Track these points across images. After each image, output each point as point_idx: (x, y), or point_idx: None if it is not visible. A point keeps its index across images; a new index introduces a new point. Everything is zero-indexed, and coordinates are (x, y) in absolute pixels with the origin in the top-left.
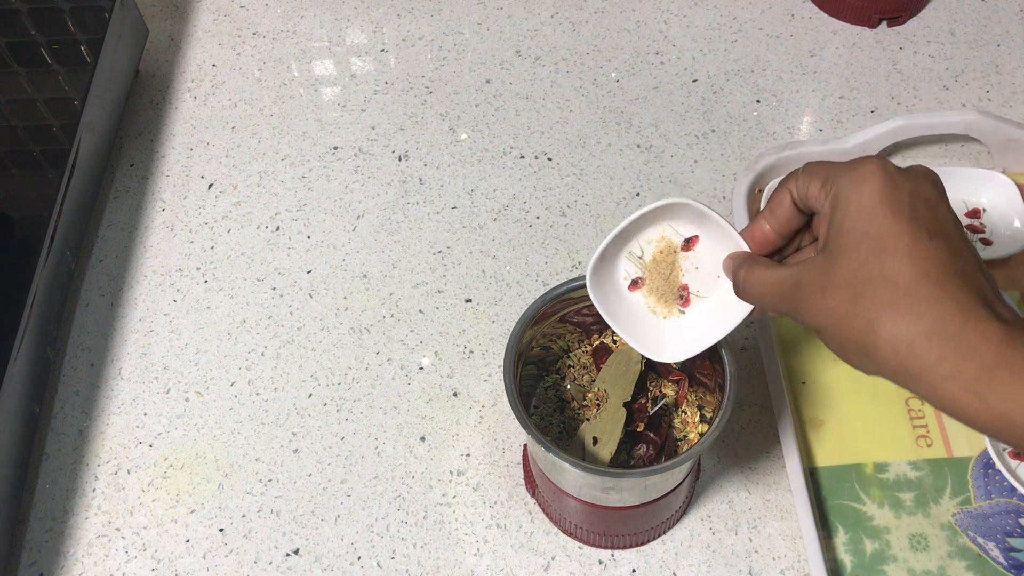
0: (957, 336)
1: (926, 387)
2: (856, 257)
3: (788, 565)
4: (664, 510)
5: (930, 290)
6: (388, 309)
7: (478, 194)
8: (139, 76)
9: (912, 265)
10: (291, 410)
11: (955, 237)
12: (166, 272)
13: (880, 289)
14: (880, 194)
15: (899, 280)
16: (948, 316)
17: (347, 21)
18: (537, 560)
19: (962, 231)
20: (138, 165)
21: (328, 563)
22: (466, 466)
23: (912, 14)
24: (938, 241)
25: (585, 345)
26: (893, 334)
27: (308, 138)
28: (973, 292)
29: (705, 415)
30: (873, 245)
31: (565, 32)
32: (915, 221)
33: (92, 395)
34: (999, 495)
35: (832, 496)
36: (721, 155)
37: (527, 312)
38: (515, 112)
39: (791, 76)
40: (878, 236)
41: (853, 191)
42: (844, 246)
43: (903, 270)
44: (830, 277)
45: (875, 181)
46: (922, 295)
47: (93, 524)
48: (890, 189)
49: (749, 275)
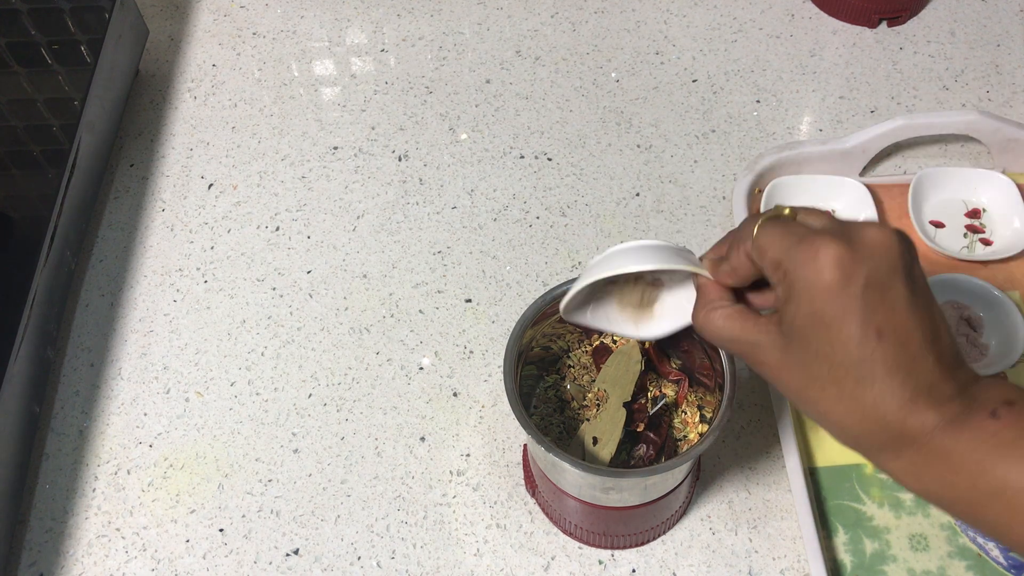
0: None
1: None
2: (808, 350)
3: (788, 565)
4: (664, 510)
5: (875, 391)
6: (388, 309)
7: (478, 194)
8: (139, 76)
9: (860, 368)
10: (291, 410)
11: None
12: (166, 272)
13: (829, 387)
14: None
15: (846, 381)
16: (891, 413)
17: (347, 21)
18: (537, 560)
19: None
20: (138, 165)
21: (328, 563)
22: (466, 466)
23: (912, 14)
24: (887, 339)
25: (585, 345)
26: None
27: (308, 138)
28: (916, 386)
29: (705, 415)
30: (824, 342)
31: (565, 32)
32: (866, 318)
33: (92, 395)
34: None
35: (832, 496)
36: (721, 155)
37: (527, 312)
38: (515, 112)
39: (791, 76)
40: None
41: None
42: (799, 333)
43: (850, 372)
44: (785, 359)
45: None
46: (866, 397)
47: (93, 524)
48: (843, 283)
49: (708, 320)
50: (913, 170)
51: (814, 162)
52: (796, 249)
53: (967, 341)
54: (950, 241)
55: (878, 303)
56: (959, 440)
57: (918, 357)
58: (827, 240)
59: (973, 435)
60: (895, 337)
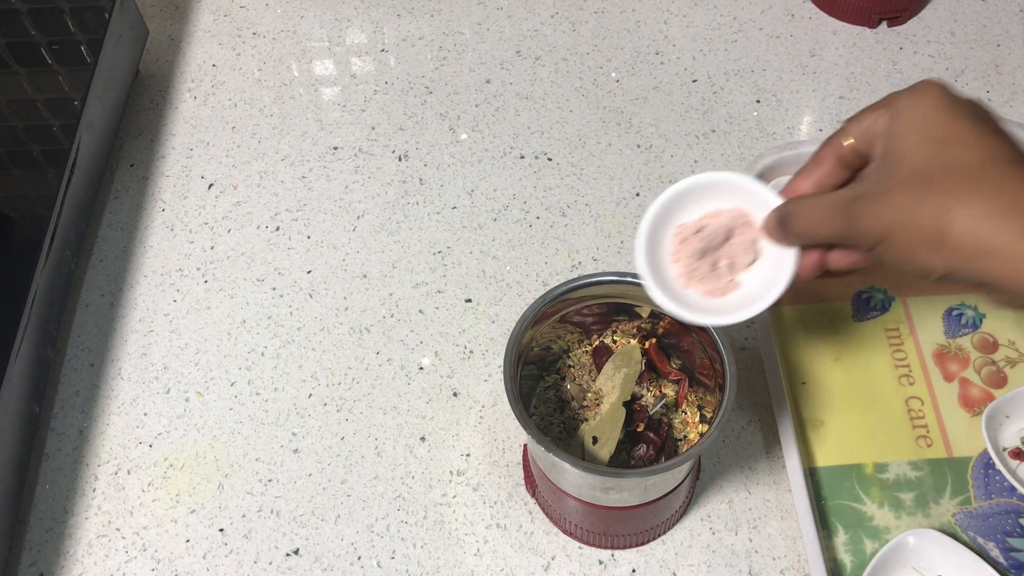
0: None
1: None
2: (921, 155)
3: (788, 565)
4: (664, 510)
5: (1003, 170)
6: (388, 309)
7: (478, 194)
8: (139, 76)
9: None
10: (291, 410)
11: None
12: (166, 272)
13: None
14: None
15: (970, 165)
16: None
17: (347, 21)
18: (537, 560)
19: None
20: (138, 165)
21: (328, 563)
22: (466, 466)
23: (912, 14)
24: (1002, 137)
25: (585, 345)
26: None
27: (308, 138)
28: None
29: (705, 415)
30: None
31: (565, 32)
32: (977, 122)
33: (92, 395)
34: (999, 495)
35: (832, 496)
36: (721, 155)
37: (527, 312)
38: (515, 112)
39: (791, 76)
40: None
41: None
42: (907, 150)
43: (975, 156)
44: (894, 179)
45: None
46: (996, 175)
47: (93, 524)
48: (949, 99)
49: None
50: None
51: None
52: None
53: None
54: None
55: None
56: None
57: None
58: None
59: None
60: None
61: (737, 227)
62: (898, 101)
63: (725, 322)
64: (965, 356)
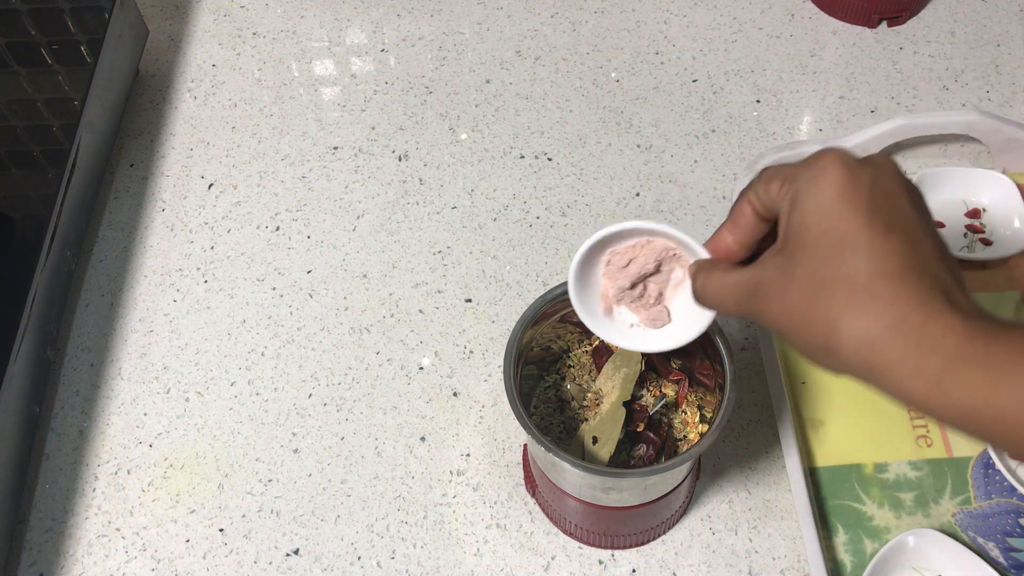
0: (919, 332)
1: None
2: (815, 256)
3: (788, 565)
4: (664, 510)
5: (889, 287)
6: (388, 309)
7: (478, 194)
8: (139, 76)
9: (870, 262)
10: (291, 410)
11: (915, 229)
12: (166, 272)
13: (839, 289)
14: (838, 189)
15: (858, 279)
16: (908, 312)
17: (347, 21)
18: (537, 560)
19: (925, 219)
20: (138, 165)
21: (328, 563)
22: (466, 466)
23: (912, 14)
24: (896, 236)
25: (585, 345)
26: (854, 333)
27: (308, 138)
28: (933, 286)
29: (705, 415)
30: (831, 242)
31: (565, 32)
32: (873, 216)
33: (92, 395)
34: (999, 495)
35: (832, 496)
36: (721, 155)
37: (527, 312)
38: (515, 112)
39: (791, 76)
40: (836, 233)
41: (811, 186)
42: (803, 245)
43: (861, 268)
44: (789, 277)
45: (833, 176)
46: (881, 293)
47: (93, 524)
48: (848, 183)
49: (707, 279)
50: (913, 170)
51: None
52: (802, 167)
53: None
54: (950, 241)
55: (884, 204)
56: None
57: (930, 259)
58: (832, 154)
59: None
60: (904, 235)
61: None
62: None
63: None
64: None
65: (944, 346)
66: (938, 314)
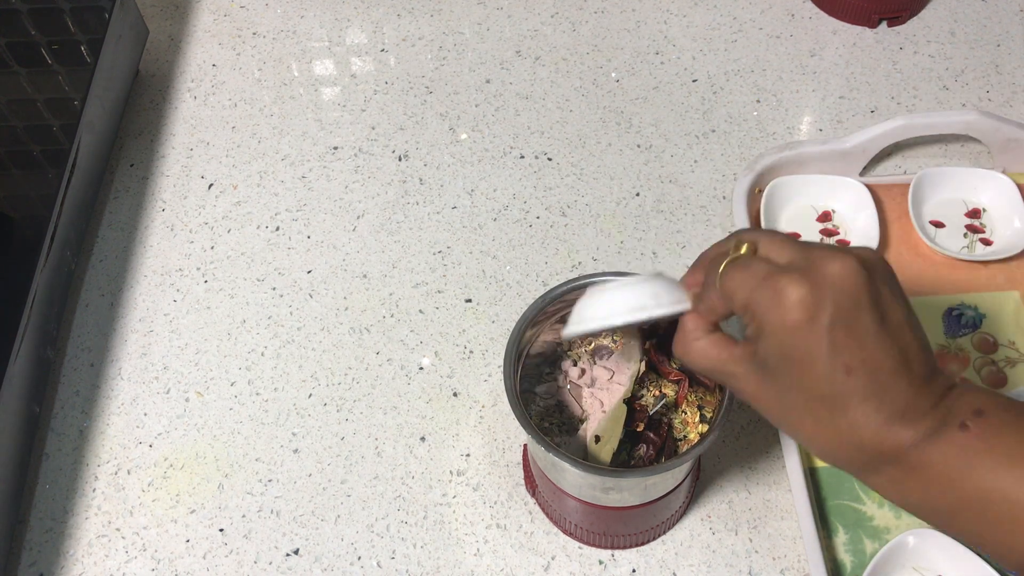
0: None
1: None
2: (782, 382)
3: (788, 565)
4: (664, 510)
5: (849, 419)
6: (388, 309)
7: (478, 194)
8: (139, 76)
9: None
10: (291, 410)
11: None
12: (166, 272)
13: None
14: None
15: (820, 411)
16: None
17: (347, 21)
18: (537, 560)
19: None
20: (138, 165)
21: (328, 563)
22: (466, 466)
23: (912, 14)
24: (856, 374)
25: (585, 345)
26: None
27: (308, 138)
28: (891, 411)
29: (705, 415)
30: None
31: (565, 32)
32: (833, 359)
33: (92, 395)
34: None
35: (832, 496)
36: (721, 155)
37: (527, 312)
38: (515, 112)
39: (791, 76)
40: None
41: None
42: (772, 368)
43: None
44: (761, 388)
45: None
46: (841, 425)
47: (93, 524)
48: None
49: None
50: (913, 170)
51: (814, 162)
52: (759, 291)
53: None
54: (950, 241)
55: (844, 339)
56: (933, 454)
57: (889, 384)
58: (789, 281)
59: (945, 448)
60: (864, 369)
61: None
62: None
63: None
64: (965, 356)
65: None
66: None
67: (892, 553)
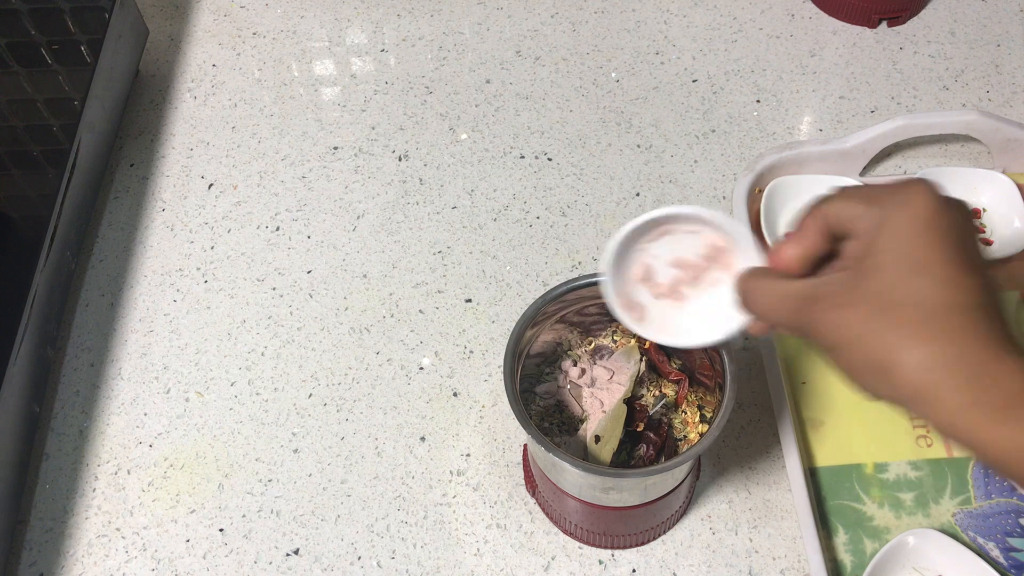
0: (983, 367)
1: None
2: (890, 277)
3: (788, 565)
4: (664, 510)
5: (960, 320)
6: (388, 309)
7: (478, 194)
8: (139, 76)
9: (946, 293)
10: (291, 410)
11: (986, 274)
12: (166, 272)
13: (909, 311)
14: (926, 219)
15: (930, 306)
16: (976, 348)
17: (347, 21)
18: (537, 560)
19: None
20: (138, 165)
21: (328, 563)
22: (466, 466)
23: (912, 14)
24: (973, 276)
25: (585, 345)
26: (916, 356)
27: (308, 138)
28: (998, 329)
29: (705, 415)
30: (910, 267)
31: (565, 32)
32: (956, 252)
33: (92, 395)
34: (999, 495)
35: (832, 496)
36: (721, 155)
37: (527, 312)
38: (515, 112)
39: (791, 76)
40: (917, 260)
41: (899, 212)
42: (880, 264)
43: (937, 297)
44: (855, 294)
45: (922, 206)
46: (952, 323)
47: (93, 524)
48: (936, 216)
49: (758, 284)
50: (913, 170)
51: (814, 162)
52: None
53: None
54: None
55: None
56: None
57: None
58: (924, 184)
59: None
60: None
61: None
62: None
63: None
64: None
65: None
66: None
67: (892, 553)
